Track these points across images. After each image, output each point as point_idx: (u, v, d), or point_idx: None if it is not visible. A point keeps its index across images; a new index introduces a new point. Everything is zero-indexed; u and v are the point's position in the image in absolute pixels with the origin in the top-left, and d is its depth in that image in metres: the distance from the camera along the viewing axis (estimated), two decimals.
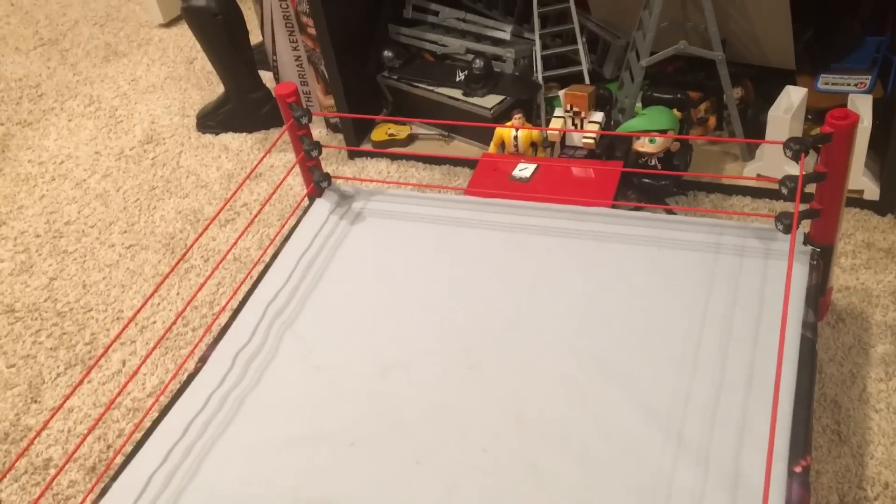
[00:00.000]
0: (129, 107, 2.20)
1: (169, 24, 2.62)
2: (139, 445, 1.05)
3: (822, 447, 1.09)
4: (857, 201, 1.45)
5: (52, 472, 1.25)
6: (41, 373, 1.43)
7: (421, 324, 1.15)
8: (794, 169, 1.43)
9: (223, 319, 1.40)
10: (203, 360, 1.16)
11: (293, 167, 1.34)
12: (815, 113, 1.57)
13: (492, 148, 1.59)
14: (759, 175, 1.50)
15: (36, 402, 1.38)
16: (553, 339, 1.10)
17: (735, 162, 1.58)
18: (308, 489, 0.96)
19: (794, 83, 1.49)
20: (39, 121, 2.20)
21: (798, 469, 0.88)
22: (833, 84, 1.54)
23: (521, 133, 1.51)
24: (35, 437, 0.90)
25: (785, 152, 1.06)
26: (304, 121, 1.30)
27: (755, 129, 1.53)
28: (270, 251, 1.34)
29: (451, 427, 1.01)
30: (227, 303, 1.19)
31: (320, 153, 1.34)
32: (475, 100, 1.66)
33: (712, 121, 1.64)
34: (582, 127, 1.50)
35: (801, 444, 0.91)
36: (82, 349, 1.47)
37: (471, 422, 1.01)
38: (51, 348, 1.48)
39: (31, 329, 1.52)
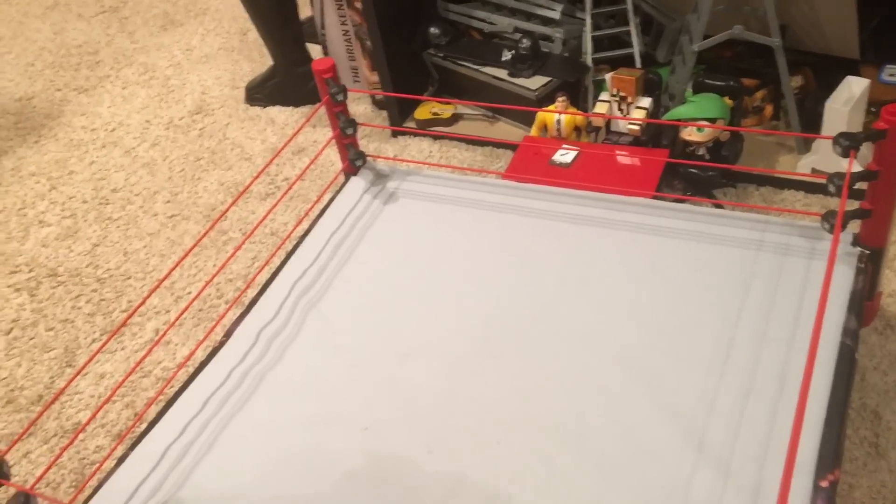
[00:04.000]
0: (182, 76, 2.22)
1: None
2: (159, 416, 1.06)
3: (858, 460, 1.04)
4: None
5: (81, 436, 1.27)
6: (77, 338, 1.45)
7: (444, 310, 1.13)
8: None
9: (252, 293, 1.41)
10: (228, 335, 1.16)
11: (327, 143, 1.33)
12: (878, 105, 1.48)
13: (534, 131, 1.55)
14: (813, 170, 1.43)
15: (70, 366, 1.40)
16: (578, 332, 1.06)
17: (790, 154, 1.51)
18: (319, 470, 0.95)
19: (858, 74, 1.41)
20: (95, 87, 2.24)
21: (824, 483, 0.84)
22: None
23: (564, 117, 1.47)
24: (57, 396, 0.91)
25: (834, 148, 1.00)
26: (340, 98, 1.28)
27: (813, 121, 1.46)
28: (302, 228, 1.33)
29: (466, 417, 0.99)
30: (255, 277, 1.19)
31: (356, 131, 1.32)
32: (520, 80, 1.62)
33: (768, 110, 1.57)
34: (628, 112, 1.45)
35: (830, 457, 0.86)
36: (118, 316, 1.49)
37: (486, 413, 0.99)
38: (89, 314, 1.50)
39: (72, 294, 1.55)
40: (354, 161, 1.35)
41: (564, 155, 1.43)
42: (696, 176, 1.41)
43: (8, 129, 2.09)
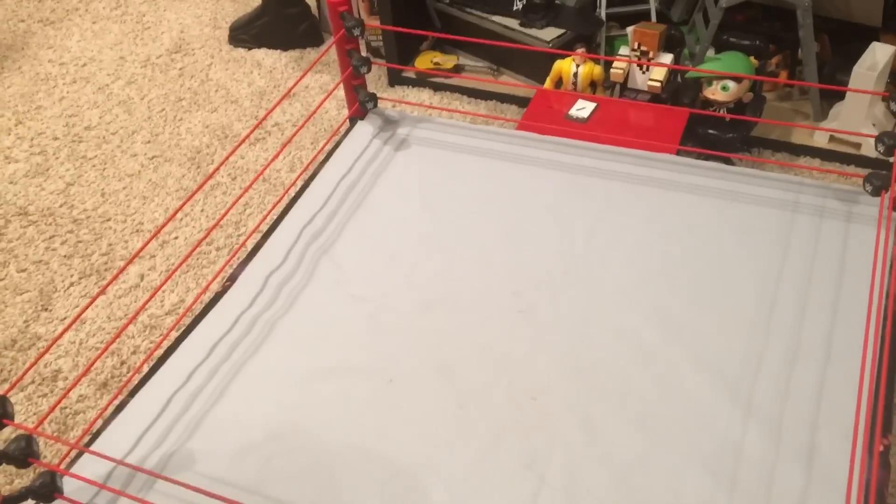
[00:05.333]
0: (158, 13, 2.09)
1: None
2: (160, 363, 0.97)
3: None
4: None
5: (60, 384, 1.17)
6: (53, 280, 1.35)
7: (467, 261, 1.07)
8: (873, 130, 1.33)
9: (251, 242, 1.32)
10: (232, 280, 1.08)
11: (338, 85, 1.24)
12: None
13: (548, 83, 1.48)
14: (832, 137, 1.40)
15: (46, 310, 1.30)
16: (611, 289, 1.01)
17: (806, 121, 1.48)
18: (343, 424, 0.89)
19: (878, 42, 1.38)
20: (62, 20, 2.09)
21: (880, 448, 0.81)
22: None
23: (581, 69, 1.41)
24: (47, 350, 0.82)
25: (877, 147, 0.96)
26: (356, 32, 1.19)
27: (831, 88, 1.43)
28: (306, 174, 1.25)
29: (498, 372, 0.93)
30: (259, 224, 1.11)
31: (369, 70, 1.24)
32: (532, 31, 1.55)
33: (783, 76, 1.53)
34: (649, 68, 1.39)
35: (883, 422, 0.83)
36: (98, 259, 1.39)
37: (520, 368, 0.93)
38: (65, 255, 1.40)
39: (45, 234, 1.44)
40: (365, 103, 1.27)
41: (582, 109, 1.38)
42: (714, 137, 1.37)
43: None
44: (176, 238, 1.41)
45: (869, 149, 1.37)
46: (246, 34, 1.91)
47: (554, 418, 0.88)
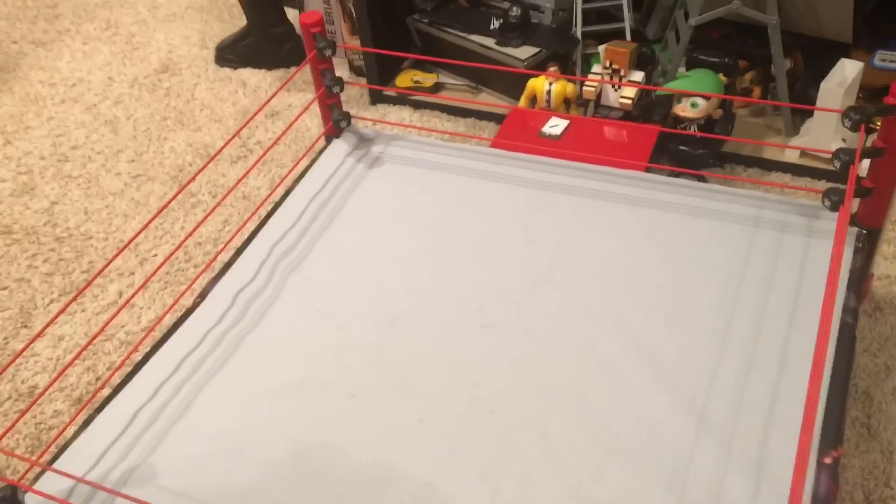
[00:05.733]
0: (147, 34, 2.12)
1: None
2: (128, 378, 0.99)
3: (850, 440, 1.03)
4: None
5: (39, 401, 1.19)
6: (34, 298, 1.37)
7: (434, 277, 1.09)
8: (843, 146, 1.34)
9: (225, 257, 1.34)
10: (202, 296, 1.10)
11: (311, 103, 1.27)
12: (867, 92, 1.48)
13: (522, 102, 1.51)
14: (802, 153, 1.42)
15: (26, 327, 1.32)
16: (574, 303, 1.03)
17: (778, 136, 1.49)
18: (303, 437, 0.90)
19: (849, 58, 1.40)
20: (54, 41, 2.12)
21: (828, 460, 0.82)
22: (892, 61, 1.45)
23: (554, 87, 1.43)
24: (15, 358, 0.84)
25: (843, 122, 0.97)
26: (328, 53, 1.22)
27: (802, 104, 1.44)
28: (280, 191, 1.27)
29: (459, 386, 0.94)
30: (231, 239, 1.12)
31: (342, 89, 1.26)
32: (508, 50, 1.57)
33: (756, 92, 1.55)
34: (620, 86, 1.41)
35: (832, 434, 0.84)
36: (79, 277, 1.41)
37: (479, 382, 0.94)
38: (46, 273, 1.42)
39: (28, 252, 1.46)
40: (339, 122, 1.29)
41: (554, 126, 1.40)
42: (685, 154, 1.39)
43: None
44: (155, 255, 1.43)
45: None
46: (232, 54, 1.94)
47: (511, 431, 0.89)
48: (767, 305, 0.99)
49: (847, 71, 1.35)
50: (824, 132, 1.37)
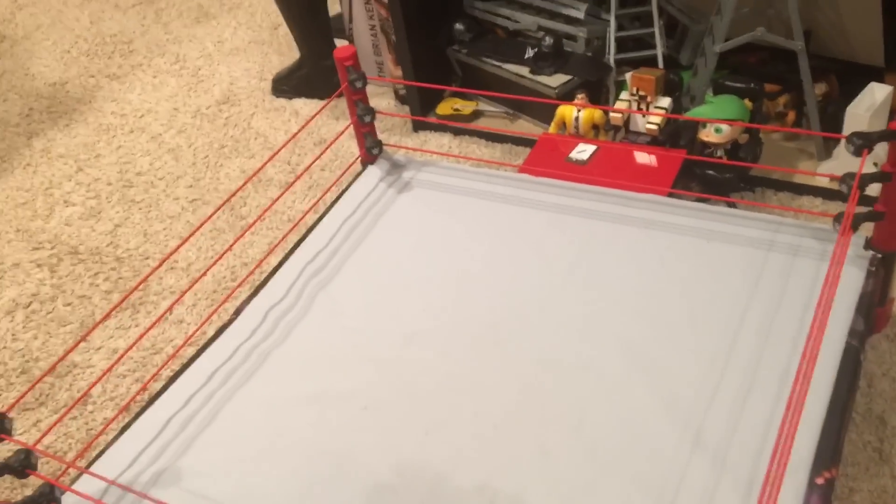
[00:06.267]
0: (212, 67, 2.25)
1: None
2: (163, 388, 1.07)
3: (861, 464, 1.02)
4: None
5: (90, 407, 1.29)
6: (94, 313, 1.48)
7: (451, 296, 1.14)
8: (874, 170, 1.34)
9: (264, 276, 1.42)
10: (237, 313, 1.18)
11: (343, 131, 1.34)
12: None
13: (552, 128, 1.55)
14: (832, 178, 1.41)
15: (85, 340, 1.43)
16: (582, 323, 1.06)
17: (810, 161, 1.49)
18: (314, 447, 0.96)
19: (883, 81, 1.40)
20: (127, 75, 2.28)
21: (820, 480, 0.83)
22: None
23: (582, 114, 1.47)
24: (56, 363, 0.93)
25: (846, 147, 0.99)
26: (359, 84, 1.29)
27: (835, 128, 1.45)
28: (317, 213, 1.35)
29: (465, 400, 0.99)
30: (263, 260, 1.20)
31: (373, 118, 1.33)
32: (541, 78, 1.62)
33: (791, 116, 1.55)
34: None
35: (827, 454, 0.85)
36: (135, 295, 1.51)
37: (485, 397, 0.99)
38: (106, 291, 1.53)
39: (91, 272, 1.58)
40: (371, 149, 1.36)
41: (582, 151, 1.43)
42: (712, 178, 1.41)
43: (41, 112, 2.14)
44: (206, 276, 1.53)
45: (871, 188, 1.37)
46: (287, 85, 2.04)
47: (511, 445, 0.93)
48: (772, 328, 1.00)
49: (877, 95, 1.35)
50: (854, 156, 1.36)
